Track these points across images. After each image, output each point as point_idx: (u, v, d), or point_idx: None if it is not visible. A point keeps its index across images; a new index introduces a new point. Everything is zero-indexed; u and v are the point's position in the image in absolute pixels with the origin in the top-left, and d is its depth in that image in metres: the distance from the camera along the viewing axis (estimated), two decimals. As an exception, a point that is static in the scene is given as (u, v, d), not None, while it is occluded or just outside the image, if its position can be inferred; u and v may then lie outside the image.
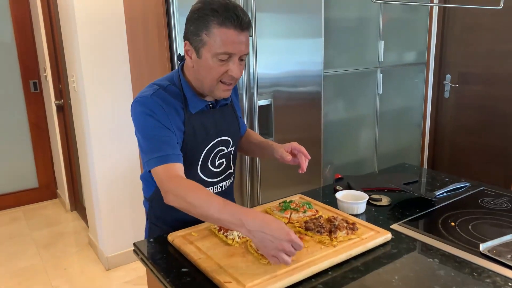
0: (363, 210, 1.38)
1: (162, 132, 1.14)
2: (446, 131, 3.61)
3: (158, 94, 1.17)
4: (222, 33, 1.09)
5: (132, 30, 2.49)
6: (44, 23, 3.33)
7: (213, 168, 1.31)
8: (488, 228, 1.23)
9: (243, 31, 1.11)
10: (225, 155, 1.33)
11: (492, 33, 3.18)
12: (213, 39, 1.09)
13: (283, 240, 0.92)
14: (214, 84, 1.16)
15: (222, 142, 1.31)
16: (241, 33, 1.10)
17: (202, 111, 1.24)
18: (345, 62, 3.00)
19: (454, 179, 1.68)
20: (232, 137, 1.34)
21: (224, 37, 1.09)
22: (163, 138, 1.13)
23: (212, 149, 1.28)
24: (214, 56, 1.11)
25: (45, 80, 3.58)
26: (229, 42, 1.09)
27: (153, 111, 1.14)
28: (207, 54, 1.12)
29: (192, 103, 1.21)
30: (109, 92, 2.53)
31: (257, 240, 0.94)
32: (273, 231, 0.92)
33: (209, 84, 1.17)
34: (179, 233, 1.20)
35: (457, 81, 3.46)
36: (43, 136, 3.86)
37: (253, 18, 2.29)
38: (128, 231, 2.75)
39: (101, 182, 2.60)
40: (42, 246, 3.08)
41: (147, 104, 1.15)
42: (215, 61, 1.12)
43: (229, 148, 1.34)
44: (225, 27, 1.08)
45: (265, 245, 0.93)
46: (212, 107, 1.28)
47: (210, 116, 1.27)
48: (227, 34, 1.09)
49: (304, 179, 2.79)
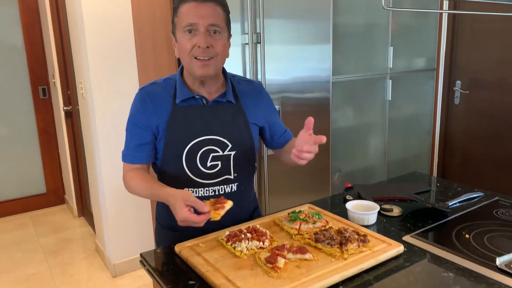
0: (374, 221, 1.35)
1: (135, 130, 1.28)
2: (457, 138, 3.55)
3: (146, 89, 1.29)
4: (184, 8, 1.19)
5: (140, 38, 2.49)
6: (53, 30, 3.35)
7: (203, 168, 1.28)
8: (504, 241, 1.19)
9: (204, 2, 1.18)
10: (220, 158, 1.28)
11: (503, 39, 3.13)
12: (179, 17, 1.20)
13: (179, 221, 1.07)
14: (189, 61, 1.21)
15: (214, 142, 1.27)
16: (201, 4, 1.18)
17: (190, 106, 1.26)
18: (354, 68, 2.98)
19: (467, 188, 1.64)
20: (231, 140, 1.29)
21: (185, 11, 1.19)
22: (134, 136, 1.28)
23: (199, 146, 1.26)
24: (181, 32, 1.20)
25: (54, 86, 3.60)
26: (190, 13, 1.18)
27: (136, 105, 1.28)
28: (179, 34, 1.22)
29: (179, 93, 1.26)
30: (117, 98, 2.53)
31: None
32: (175, 214, 1.08)
33: (187, 64, 1.23)
34: (186, 243, 1.17)
35: (468, 87, 3.41)
36: (52, 142, 3.87)
37: (261, 24, 2.27)
38: (135, 238, 2.74)
39: (108, 189, 2.59)
40: (49, 253, 3.08)
41: (135, 98, 1.29)
42: (183, 36, 1.20)
43: (227, 152, 1.29)
44: (185, 2, 1.19)
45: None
46: (206, 103, 1.28)
47: (199, 111, 1.27)
48: (187, 7, 1.19)
49: (313, 186, 2.76)
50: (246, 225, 1.25)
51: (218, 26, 1.20)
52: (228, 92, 1.30)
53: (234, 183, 1.33)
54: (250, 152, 1.35)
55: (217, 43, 1.20)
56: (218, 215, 1.06)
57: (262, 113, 1.38)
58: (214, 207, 1.08)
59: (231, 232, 1.19)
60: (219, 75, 1.30)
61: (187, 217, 1.04)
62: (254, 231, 1.18)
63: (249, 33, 2.26)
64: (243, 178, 1.35)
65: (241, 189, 1.35)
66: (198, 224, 1.05)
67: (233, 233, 1.17)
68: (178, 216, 1.06)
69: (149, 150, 1.30)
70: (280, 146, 1.45)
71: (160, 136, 1.27)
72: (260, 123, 1.39)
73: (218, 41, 1.20)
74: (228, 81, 1.32)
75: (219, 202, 1.10)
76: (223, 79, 1.33)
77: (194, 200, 1.06)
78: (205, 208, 1.05)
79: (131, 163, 1.30)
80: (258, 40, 2.30)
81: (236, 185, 1.33)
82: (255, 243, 1.12)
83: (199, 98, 1.28)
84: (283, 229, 1.26)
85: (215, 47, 1.20)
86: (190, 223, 1.05)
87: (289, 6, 2.41)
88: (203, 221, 1.05)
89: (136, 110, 1.28)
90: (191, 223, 1.05)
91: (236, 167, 1.32)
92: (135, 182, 1.25)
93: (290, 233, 1.23)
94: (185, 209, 1.05)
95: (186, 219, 1.04)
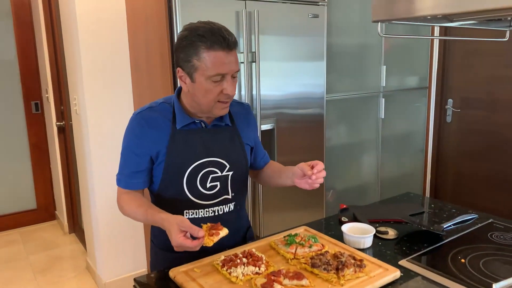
0: (370, 244, 1.34)
1: (132, 156, 1.26)
2: (449, 157, 3.58)
3: (143, 114, 1.27)
4: (212, 57, 1.15)
5: (135, 55, 2.49)
6: (47, 44, 3.34)
7: (203, 190, 1.29)
8: (500, 266, 1.19)
9: (231, 50, 1.17)
10: (219, 179, 1.31)
11: (493, 58, 3.19)
12: (204, 63, 1.16)
13: (174, 247, 1.08)
14: (212, 104, 1.21)
15: (213, 163, 1.29)
16: (229, 53, 1.16)
17: (190, 129, 1.27)
18: (348, 87, 3.01)
19: (461, 210, 1.65)
20: (229, 160, 1.31)
21: (214, 60, 1.15)
22: (129, 163, 1.27)
23: (200, 168, 1.27)
24: (208, 78, 1.17)
25: (47, 102, 3.58)
26: (220, 63, 1.15)
27: (133, 130, 1.27)
28: (201, 78, 1.18)
29: (179, 119, 1.26)
30: (111, 115, 2.52)
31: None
32: (170, 239, 1.09)
33: (207, 105, 1.22)
34: (181, 268, 1.16)
35: (459, 106, 3.45)
36: (43, 157, 3.83)
37: (256, 41, 2.29)
38: (127, 256, 2.70)
39: (100, 205, 2.56)
40: (39, 271, 3.02)
41: (131, 122, 1.28)
42: (209, 83, 1.18)
43: (225, 172, 1.31)
44: (214, 50, 1.15)
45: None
46: (205, 126, 1.29)
47: (199, 135, 1.28)
48: (216, 57, 1.15)
49: (306, 204, 2.75)
50: (242, 249, 1.23)
51: (238, 70, 1.22)
52: (225, 115, 1.32)
53: (232, 202, 1.36)
54: (245, 171, 1.39)
55: (235, 86, 1.23)
56: (211, 242, 1.07)
57: (252, 133, 1.43)
58: (209, 233, 1.09)
59: (227, 256, 1.18)
60: None
61: (182, 243, 1.05)
62: (249, 255, 1.17)
63: (244, 52, 2.28)
64: (239, 198, 1.39)
65: (237, 208, 1.38)
66: (192, 249, 1.07)
67: (229, 258, 1.16)
68: (174, 242, 1.07)
69: (144, 177, 1.29)
70: (261, 167, 1.50)
71: (159, 161, 1.27)
72: (252, 143, 1.43)
73: (235, 83, 1.23)
74: None
75: (215, 228, 1.10)
76: None
77: (189, 225, 1.07)
78: (200, 234, 1.05)
79: (126, 189, 1.30)
80: (253, 59, 2.32)
81: (233, 204, 1.36)
82: (251, 268, 1.11)
83: (199, 122, 1.29)
84: (279, 253, 1.25)
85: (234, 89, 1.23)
86: (185, 248, 1.07)
87: (284, 25, 2.43)
88: (198, 246, 1.07)
89: (134, 135, 1.27)
90: (186, 248, 1.07)
91: (233, 187, 1.35)
92: (129, 207, 1.26)
93: (286, 258, 1.22)
94: (180, 235, 1.06)
95: (181, 244, 1.05)
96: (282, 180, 1.37)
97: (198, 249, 1.07)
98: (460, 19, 1.18)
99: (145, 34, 2.36)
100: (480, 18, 1.12)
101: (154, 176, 1.30)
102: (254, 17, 2.26)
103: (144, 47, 2.39)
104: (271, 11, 2.35)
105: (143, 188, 1.32)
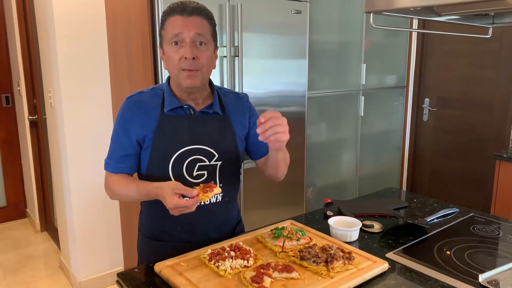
0: (357, 237, 1.34)
1: (121, 140, 1.25)
2: (425, 154, 3.66)
3: (133, 97, 1.27)
4: (170, 22, 1.19)
5: (114, 45, 2.42)
6: (19, 35, 3.21)
7: (189, 178, 1.26)
8: (484, 257, 1.21)
9: (190, 15, 1.18)
10: (206, 168, 1.27)
11: (468, 59, 3.27)
12: (166, 30, 1.21)
13: (171, 210, 1.08)
14: (177, 73, 1.20)
15: (200, 151, 1.26)
16: (187, 17, 1.18)
17: (178, 115, 1.25)
18: (328, 84, 3.02)
19: (443, 204, 1.68)
20: (217, 150, 1.27)
21: (171, 25, 1.19)
22: (119, 146, 1.26)
23: (186, 155, 1.24)
24: (168, 43, 1.20)
25: (19, 95, 3.44)
26: (176, 26, 1.18)
27: (123, 115, 1.25)
28: (165, 46, 1.21)
29: (167, 102, 1.25)
30: (88, 108, 2.44)
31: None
32: (166, 204, 1.09)
33: (174, 76, 1.22)
34: (166, 262, 1.12)
35: (436, 105, 3.53)
36: (14, 153, 3.68)
37: (240, 37, 2.27)
38: (103, 254, 2.62)
39: (76, 202, 2.48)
40: (9, 271, 2.89)
41: (122, 106, 1.27)
42: (170, 49, 1.19)
43: (213, 162, 1.28)
44: (172, 15, 1.19)
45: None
46: (193, 113, 1.27)
47: (186, 121, 1.26)
48: (173, 21, 1.19)
49: (287, 200, 2.75)
50: (229, 243, 1.21)
51: (204, 37, 1.19)
52: (215, 103, 1.29)
53: (220, 193, 1.30)
54: (236, 163, 1.35)
55: (203, 55, 1.19)
56: (206, 197, 1.10)
57: (248, 124, 1.38)
58: (203, 191, 1.11)
59: (214, 250, 1.15)
60: (205, 86, 1.29)
61: (177, 203, 1.06)
62: (237, 249, 1.15)
63: (227, 46, 2.25)
64: (228, 189, 1.34)
65: (225, 199, 1.34)
66: (189, 209, 1.08)
67: (216, 251, 1.13)
68: (169, 205, 1.07)
69: (132, 162, 1.27)
70: (263, 156, 1.40)
71: (146, 145, 1.24)
72: (245, 135, 1.38)
73: (204, 53, 1.19)
74: (215, 93, 1.31)
75: (208, 186, 1.13)
76: (210, 91, 1.32)
77: (183, 188, 1.08)
78: (194, 193, 1.07)
79: (113, 173, 1.28)
80: (236, 54, 2.29)
81: (221, 195, 1.32)
82: (239, 261, 1.09)
83: (187, 108, 1.27)
84: (267, 246, 1.23)
85: (201, 59, 1.19)
86: (182, 209, 1.07)
87: (267, 20, 2.42)
88: (194, 205, 1.07)
89: (124, 119, 1.25)
90: (182, 208, 1.07)
91: (222, 177, 1.31)
92: (119, 186, 1.25)
93: (274, 251, 1.20)
94: (175, 196, 1.07)
95: (176, 205, 1.06)
96: (271, 155, 1.28)
97: (194, 209, 1.08)
98: (447, 13, 1.19)
99: (125, 23, 2.29)
100: (468, 12, 1.14)
101: (141, 161, 1.28)
102: (238, 11, 2.24)
103: (123, 37, 2.33)
104: (254, 5, 2.33)
105: (131, 173, 1.30)
